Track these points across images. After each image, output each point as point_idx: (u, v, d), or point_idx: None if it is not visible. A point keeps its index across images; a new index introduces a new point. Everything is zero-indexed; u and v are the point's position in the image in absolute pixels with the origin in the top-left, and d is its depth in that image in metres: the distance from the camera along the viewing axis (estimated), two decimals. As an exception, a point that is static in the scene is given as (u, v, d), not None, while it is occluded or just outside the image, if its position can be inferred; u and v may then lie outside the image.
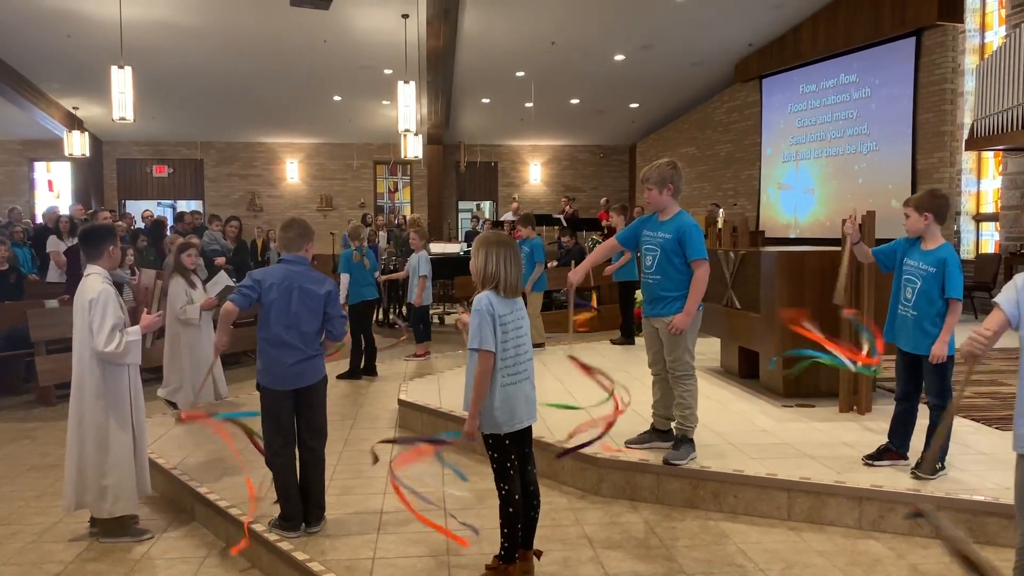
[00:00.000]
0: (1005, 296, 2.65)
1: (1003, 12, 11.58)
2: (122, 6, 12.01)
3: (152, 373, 8.83)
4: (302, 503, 4.03)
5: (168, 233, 11.86)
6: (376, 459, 4.64)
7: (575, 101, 18.99)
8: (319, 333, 4.04)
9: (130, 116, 11.71)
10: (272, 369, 3.95)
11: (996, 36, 11.84)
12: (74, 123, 18.52)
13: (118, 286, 8.58)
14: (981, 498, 3.94)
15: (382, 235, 14.82)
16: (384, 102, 17.95)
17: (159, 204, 20.79)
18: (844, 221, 4.79)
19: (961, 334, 2.71)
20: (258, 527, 4.01)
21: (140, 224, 14.05)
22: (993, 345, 2.68)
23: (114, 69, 11.57)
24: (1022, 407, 2.65)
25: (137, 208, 19.45)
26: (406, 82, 13.58)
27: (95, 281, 4.21)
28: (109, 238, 4.36)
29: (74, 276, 9.06)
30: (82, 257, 4.40)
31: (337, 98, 18.17)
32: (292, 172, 21.82)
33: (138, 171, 21.54)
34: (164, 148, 21.41)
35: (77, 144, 17.75)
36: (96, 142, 20.14)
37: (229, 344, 4.25)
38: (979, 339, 2.64)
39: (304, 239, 4.12)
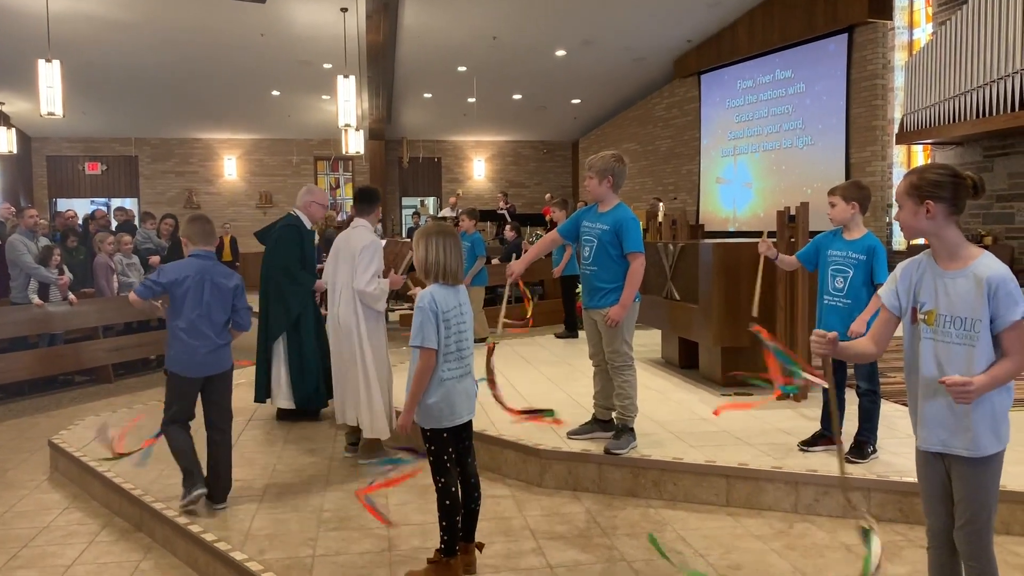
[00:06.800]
0: (886, 289, 2.60)
1: (930, 10, 11.95)
2: (48, -3, 11.63)
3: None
4: (214, 482, 4.27)
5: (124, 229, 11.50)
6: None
7: (517, 96, 19.02)
8: (227, 324, 4.36)
9: (59, 111, 11.35)
10: (183, 358, 4.22)
11: (924, 33, 12.20)
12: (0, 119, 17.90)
13: (44, 287, 8.39)
14: (911, 479, 4.04)
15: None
16: (324, 97, 17.73)
17: (92, 203, 20.16)
18: (760, 240, 4.84)
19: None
20: (170, 512, 4.16)
21: (114, 223, 13.11)
22: (885, 334, 2.64)
23: (41, 63, 11.19)
24: (911, 397, 2.58)
25: (80, 207, 18.63)
26: (346, 76, 13.45)
27: (364, 233, 5.07)
28: (378, 200, 5.39)
29: (1, 276, 8.77)
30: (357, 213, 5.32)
31: (276, 93, 17.88)
32: (230, 168, 21.41)
33: (70, 168, 20.90)
34: (97, 145, 20.81)
35: (3, 141, 17.10)
36: (24, 139, 19.49)
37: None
38: (817, 342, 2.59)
39: (214, 235, 4.54)
